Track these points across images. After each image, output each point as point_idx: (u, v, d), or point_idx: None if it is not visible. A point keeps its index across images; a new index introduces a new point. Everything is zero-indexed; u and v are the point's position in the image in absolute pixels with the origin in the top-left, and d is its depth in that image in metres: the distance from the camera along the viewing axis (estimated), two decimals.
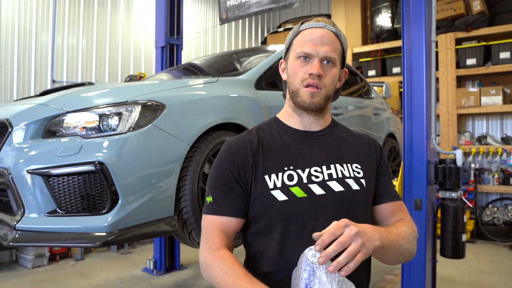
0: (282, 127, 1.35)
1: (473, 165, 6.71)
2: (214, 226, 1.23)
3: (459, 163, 3.29)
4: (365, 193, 1.29)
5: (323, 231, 1.04)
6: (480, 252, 6.03)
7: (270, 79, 3.16)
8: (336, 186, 1.25)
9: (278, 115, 1.40)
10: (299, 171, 1.24)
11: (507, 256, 5.88)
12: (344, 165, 1.30)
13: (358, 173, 1.30)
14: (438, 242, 3.45)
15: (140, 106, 2.26)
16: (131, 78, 6.36)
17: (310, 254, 1.01)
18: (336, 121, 1.43)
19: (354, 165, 1.31)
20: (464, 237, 3.34)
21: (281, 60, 1.40)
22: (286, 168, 1.24)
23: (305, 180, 1.23)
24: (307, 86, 1.25)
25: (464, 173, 3.29)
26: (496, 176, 6.86)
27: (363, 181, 1.29)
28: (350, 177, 1.28)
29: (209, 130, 2.52)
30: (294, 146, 1.29)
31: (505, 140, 7.05)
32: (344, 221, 1.04)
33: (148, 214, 2.25)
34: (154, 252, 5.15)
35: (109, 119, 2.23)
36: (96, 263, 5.39)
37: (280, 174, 1.23)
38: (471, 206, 6.58)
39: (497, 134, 7.33)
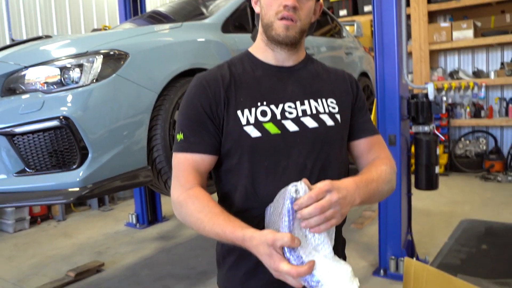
0: (254, 62, 1.29)
1: (444, 99, 6.82)
2: (186, 164, 1.19)
3: (430, 97, 3.32)
4: (340, 129, 1.27)
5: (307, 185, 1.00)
6: (454, 184, 6.25)
7: (238, 22, 3.07)
8: (310, 122, 1.22)
9: (250, 49, 1.34)
10: (273, 106, 1.21)
11: (479, 186, 6.12)
12: (319, 100, 1.26)
13: (333, 108, 1.27)
14: (412, 176, 3.55)
15: (102, 56, 2.17)
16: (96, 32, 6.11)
17: (293, 190, 0.99)
18: (311, 56, 1.38)
19: (329, 100, 1.28)
20: (437, 169, 3.43)
21: None
22: (259, 104, 1.20)
23: (278, 116, 1.20)
24: (281, 19, 1.19)
25: (436, 107, 3.33)
26: (468, 110, 7.00)
27: (338, 116, 1.26)
28: (324, 113, 1.25)
29: (177, 77, 2.45)
30: (267, 81, 1.25)
31: (476, 74, 7.13)
32: (327, 185, 0.99)
33: (121, 166, 2.22)
34: (135, 206, 5.17)
35: (71, 72, 2.14)
36: (78, 222, 5.39)
37: (253, 110, 1.19)
38: (444, 139, 6.74)
39: (469, 69, 7.40)
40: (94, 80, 2.13)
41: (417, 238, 3.74)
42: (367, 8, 7.46)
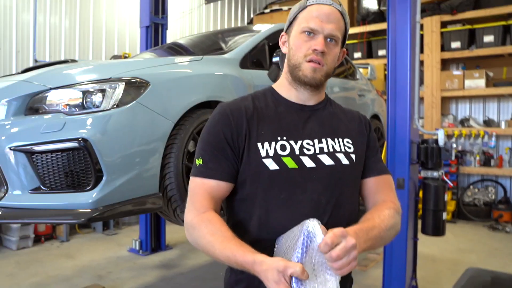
0: (277, 98, 1.35)
1: (454, 145, 6.84)
2: (203, 189, 1.23)
3: (441, 143, 3.35)
4: (354, 168, 1.31)
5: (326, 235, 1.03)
6: (461, 232, 6.17)
7: (255, 58, 3.16)
8: (326, 160, 1.27)
9: (273, 86, 1.40)
10: (292, 142, 1.26)
11: (486, 235, 6.03)
12: (336, 139, 1.31)
13: (349, 148, 1.32)
14: (419, 222, 3.53)
15: (124, 83, 2.25)
16: (116, 58, 6.29)
17: (311, 225, 1.02)
18: (329, 97, 1.44)
19: (345, 140, 1.33)
20: (445, 215, 3.42)
21: (282, 33, 1.39)
22: (279, 138, 1.25)
23: (297, 152, 1.25)
24: (309, 61, 1.26)
25: (446, 153, 3.35)
26: (477, 158, 6.99)
27: (353, 156, 1.31)
28: (340, 152, 1.30)
29: (193, 108, 2.52)
30: (288, 117, 1.30)
31: (487, 123, 7.17)
32: (341, 230, 1.02)
33: (132, 191, 2.25)
34: (139, 232, 5.17)
35: (93, 96, 2.21)
36: (81, 244, 5.39)
37: (273, 143, 1.24)
38: (452, 185, 6.71)
39: (480, 117, 7.44)
40: (115, 106, 2.19)
41: (421, 284, 3.69)
42: (381, 52, 7.61)
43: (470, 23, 7.04)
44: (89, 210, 2.11)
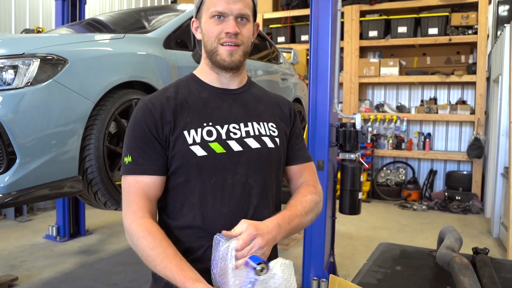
0: (200, 84, 1.34)
1: (370, 129, 7.24)
2: (137, 187, 1.21)
3: (358, 126, 3.54)
4: (279, 152, 1.35)
5: (234, 232, 1.12)
6: (375, 210, 6.60)
7: (180, 39, 3.10)
8: (253, 143, 1.29)
9: (195, 72, 1.38)
10: (218, 127, 1.26)
11: (397, 213, 6.51)
12: (261, 123, 1.34)
13: (273, 132, 1.35)
14: (337, 202, 3.72)
15: (39, 60, 2.11)
16: (28, 33, 5.84)
17: (223, 247, 1.10)
18: (252, 80, 1.46)
19: (270, 124, 1.36)
20: (360, 195, 3.64)
21: (193, 19, 1.36)
22: (205, 124, 1.26)
23: (223, 136, 1.26)
24: (225, 45, 1.25)
25: (362, 136, 3.55)
26: (390, 141, 7.48)
27: (277, 139, 1.35)
28: (266, 135, 1.32)
29: (115, 88, 2.43)
30: (213, 102, 1.30)
31: (399, 108, 7.67)
32: (252, 234, 1.11)
33: (49, 174, 2.15)
34: (57, 218, 4.93)
35: (3, 73, 2.06)
36: None
37: (199, 130, 1.24)
38: (368, 167, 7.13)
39: (393, 103, 7.94)
40: (29, 84, 2.06)
41: (339, 260, 3.91)
42: (304, 37, 7.80)
43: (386, 13, 7.44)
44: (0, 195, 1.98)
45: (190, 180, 1.24)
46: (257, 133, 1.31)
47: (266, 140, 1.32)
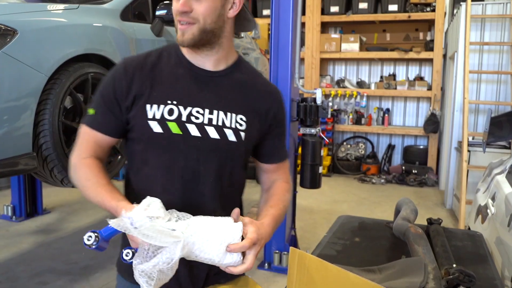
0: (180, 59, 1.29)
1: (330, 104, 7.32)
2: (88, 137, 1.26)
3: (318, 101, 3.57)
4: (241, 146, 1.29)
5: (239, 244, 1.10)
6: (335, 184, 6.75)
7: (138, 11, 3.00)
8: (212, 133, 1.24)
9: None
10: (181, 107, 1.23)
11: (356, 187, 6.69)
12: (228, 113, 1.27)
13: (240, 125, 1.28)
14: (298, 176, 3.77)
15: None
16: None
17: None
18: (245, 62, 1.37)
19: (238, 117, 1.28)
20: (321, 170, 3.70)
21: None
22: (169, 102, 1.23)
23: (183, 118, 1.22)
24: (180, 23, 1.21)
25: (323, 111, 3.59)
26: (350, 116, 7.61)
27: (242, 134, 1.28)
28: (230, 128, 1.26)
29: (70, 61, 2.34)
30: (184, 81, 1.26)
31: (359, 84, 7.78)
32: (254, 239, 1.11)
33: (2, 151, 2.06)
34: (12, 197, 4.75)
35: None
36: None
37: (161, 106, 1.22)
38: (328, 141, 7.25)
39: (353, 79, 8.05)
40: None
41: (300, 233, 3.99)
42: (266, 12, 7.73)
43: None
44: None
45: (146, 150, 1.25)
46: (220, 123, 1.25)
47: (228, 132, 1.26)
